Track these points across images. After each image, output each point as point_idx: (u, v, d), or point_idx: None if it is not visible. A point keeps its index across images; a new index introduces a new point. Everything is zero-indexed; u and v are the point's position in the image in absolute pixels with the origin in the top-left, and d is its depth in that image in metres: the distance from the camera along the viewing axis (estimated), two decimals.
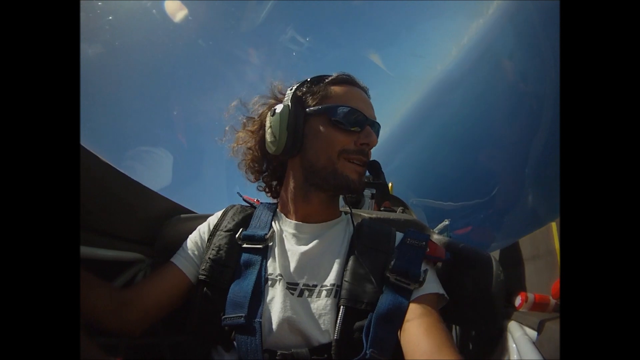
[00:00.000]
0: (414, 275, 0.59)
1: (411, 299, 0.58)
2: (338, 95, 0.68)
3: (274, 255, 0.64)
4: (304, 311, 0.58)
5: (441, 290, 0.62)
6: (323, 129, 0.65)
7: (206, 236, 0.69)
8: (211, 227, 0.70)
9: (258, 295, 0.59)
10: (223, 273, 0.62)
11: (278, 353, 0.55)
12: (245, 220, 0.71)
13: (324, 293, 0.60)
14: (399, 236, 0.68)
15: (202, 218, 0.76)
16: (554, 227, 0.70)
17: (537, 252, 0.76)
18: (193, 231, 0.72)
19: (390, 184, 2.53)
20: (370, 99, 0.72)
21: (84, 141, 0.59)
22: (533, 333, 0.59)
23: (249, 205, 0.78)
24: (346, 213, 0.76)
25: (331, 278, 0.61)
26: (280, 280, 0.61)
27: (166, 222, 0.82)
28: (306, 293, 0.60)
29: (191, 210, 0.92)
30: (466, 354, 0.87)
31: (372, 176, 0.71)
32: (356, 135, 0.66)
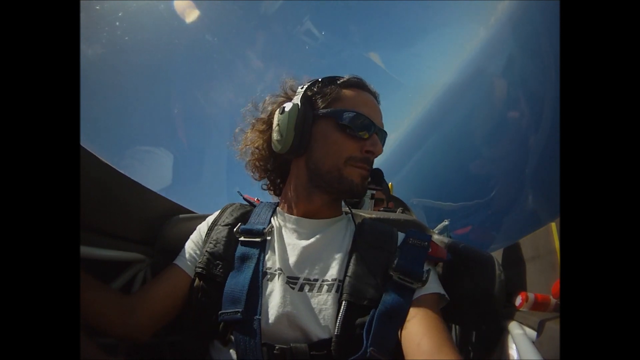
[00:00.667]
0: (417, 274, 0.59)
1: (413, 299, 0.58)
2: (348, 99, 0.67)
3: (273, 249, 0.64)
4: (304, 306, 0.58)
5: (442, 290, 0.62)
6: (331, 133, 0.65)
7: (205, 233, 0.69)
8: (210, 224, 0.71)
9: (255, 289, 0.58)
10: (219, 266, 0.62)
11: (276, 347, 0.54)
12: (244, 216, 0.71)
13: (325, 288, 0.59)
14: (401, 236, 0.68)
15: (202, 218, 0.77)
16: (554, 227, 0.70)
17: (537, 252, 0.76)
18: (193, 231, 0.72)
19: (390, 184, 2.54)
20: (379, 105, 0.72)
21: (84, 141, 0.59)
22: (533, 333, 0.59)
23: (249, 203, 0.78)
24: (346, 213, 0.76)
25: (333, 273, 0.61)
26: (279, 274, 0.61)
27: (166, 222, 0.82)
28: (307, 287, 0.59)
29: (191, 210, 0.92)
30: (466, 354, 0.87)
31: (375, 184, 0.72)
32: (363, 142, 0.66)
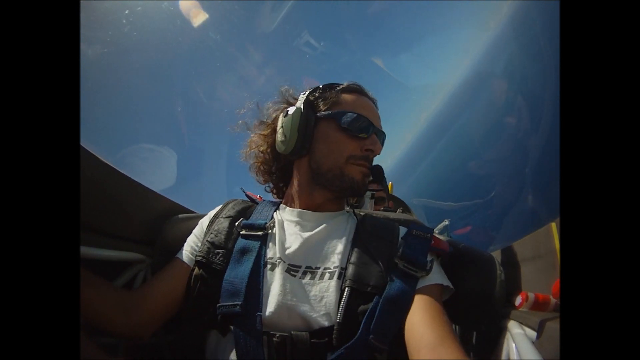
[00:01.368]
0: (422, 263, 0.60)
1: (416, 289, 0.58)
2: (348, 102, 0.72)
3: (274, 240, 0.64)
4: (305, 293, 0.57)
5: (446, 281, 0.62)
6: (332, 133, 0.69)
7: (206, 225, 0.70)
8: (211, 216, 0.72)
9: (256, 281, 0.58)
10: (219, 255, 0.62)
11: (277, 335, 0.54)
12: (245, 211, 0.72)
13: (327, 275, 0.59)
14: (403, 230, 0.69)
15: (202, 217, 0.77)
16: (554, 227, 0.70)
17: (538, 252, 0.76)
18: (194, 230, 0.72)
19: (390, 184, 2.53)
20: (378, 110, 0.76)
21: (84, 141, 0.58)
22: (533, 333, 0.59)
23: (251, 200, 0.79)
24: (348, 211, 0.77)
25: (335, 261, 0.61)
26: (280, 263, 0.61)
27: (166, 222, 0.82)
28: (308, 275, 0.60)
29: (191, 210, 0.92)
30: (466, 353, 0.87)
31: (376, 180, 0.73)
32: (362, 141, 0.69)
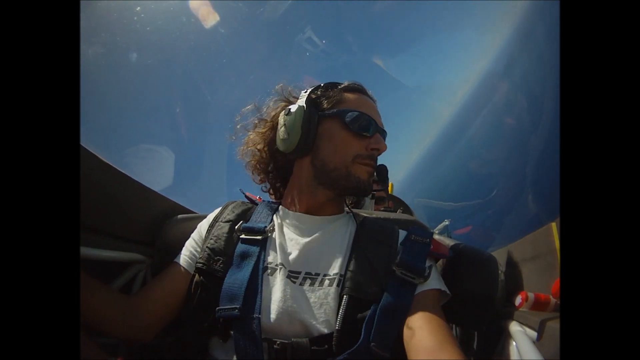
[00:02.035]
0: (420, 270, 0.60)
1: (414, 294, 0.58)
2: (351, 101, 0.71)
3: (274, 245, 0.64)
4: (305, 300, 0.57)
5: (443, 287, 0.62)
6: (337, 132, 0.68)
7: (205, 230, 0.69)
8: (210, 220, 0.71)
9: (255, 286, 0.58)
10: (220, 261, 0.62)
11: (277, 342, 0.54)
12: (245, 213, 0.72)
13: (327, 282, 0.59)
14: (402, 233, 0.69)
15: (202, 218, 0.76)
16: (554, 227, 0.70)
17: (538, 252, 0.76)
18: (193, 231, 0.72)
19: (390, 184, 2.53)
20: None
21: (84, 141, 0.58)
22: (533, 333, 0.59)
23: (251, 202, 0.79)
24: (348, 212, 0.76)
25: (335, 267, 0.61)
26: (280, 268, 0.61)
27: (166, 222, 0.82)
28: (308, 281, 0.60)
29: (191, 210, 0.92)
30: (466, 354, 0.87)
31: (379, 180, 0.74)
32: (367, 140, 0.69)
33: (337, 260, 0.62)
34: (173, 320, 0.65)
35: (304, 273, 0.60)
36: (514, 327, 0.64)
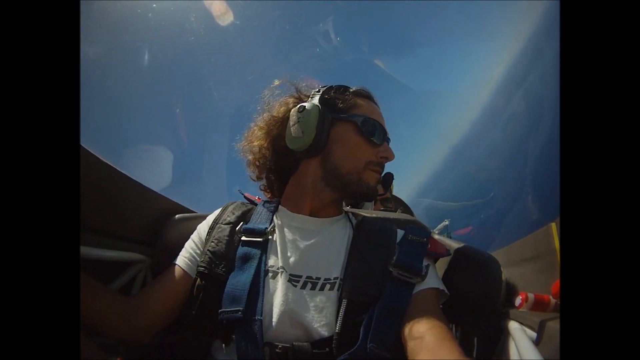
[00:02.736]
0: (417, 269, 0.60)
1: (412, 294, 0.58)
2: (363, 107, 0.72)
3: (276, 247, 0.64)
4: (306, 304, 0.58)
5: (441, 285, 0.62)
6: (352, 137, 0.69)
7: (206, 232, 0.69)
8: (210, 222, 0.70)
9: (257, 288, 0.58)
10: (221, 265, 0.62)
11: (279, 346, 0.54)
12: (245, 214, 0.71)
13: (328, 286, 0.60)
14: (400, 233, 0.69)
15: (202, 218, 0.76)
16: (554, 227, 0.70)
17: (537, 252, 0.76)
18: (194, 231, 0.72)
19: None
20: None
21: (84, 141, 0.58)
22: (533, 333, 0.59)
23: (250, 202, 0.78)
24: (346, 212, 0.76)
25: (334, 271, 0.61)
26: (282, 272, 0.61)
27: (166, 222, 0.81)
28: (309, 285, 0.60)
29: (191, 210, 0.92)
30: (466, 354, 0.87)
31: (383, 187, 0.75)
32: (377, 148, 0.70)
33: (337, 264, 0.62)
34: (172, 321, 0.64)
35: (305, 277, 0.60)
36: (514, 327, 0.64)
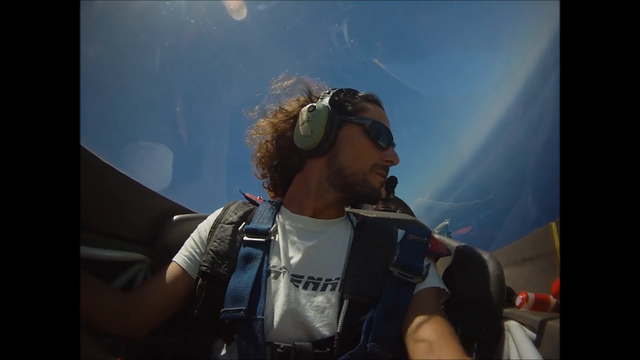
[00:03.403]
0: (417, 269, 0.60)
1: (413, 293, 0.59)
2: (371, 111, 0.73)
3: (278, 248, 0.64)
4: (308, 304, 0.58)
5: (442, 285, 0.63)
6: (359, 138, 0.69)
7: (207, 231, 0.69)
8: (212, 222, 0.70)
9: (259, 288, 0.58)
10: (224, 265, 0.62)
11: (281, 346, 0.54)
12: (247, 214, 0.71)
13: (329, 287, 0.60)
14: (401, 233, 0.69)
15: (202, 218, 0.76)
16: (554, 227, 0.70)
17: (537, 252, 0.76)
18: (193, 231, 0.72)
19: None
20: None
21: (84, 141, 0.58)
22: (533, 333, 0.59)
23: (251, 202, 0.78)
24: (347, 213, 0.77)
25: (336, 272, 0.62)
26: (284, 272, 0.61)
27: (166, 222, 0.81)
28: (311, 286, 0.60)
29: (191, 210, 0.92)
30: (466, 354, 0.87)
31: (387, 191, 0.76)
32: (383, 151, 0.71)
33: (338, 264, 0.63)
34: (168, 319, 0.65)
35: (307, 277, 0.61)
36: (514, 327, 0.64)
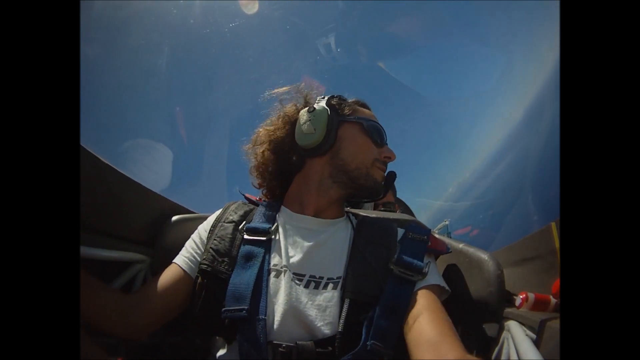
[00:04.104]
0: (417, 267, 0.60)
1: (414, 290, 0.59)
2: (365, 113, 0.78)
3: (279, 247, 0.65)
4: (310, 302, 0.58)
5: (442, 282, 0.63)
6: (359, 136, 0.73)
7: (207, 231, 0.69)
8: (212, 222, 0.70)
9: (260, 287, 0.58)
10: (224, 263, 0.62)
11: (283, 345, 0.54)
12: (247, 214, 0.72)
13: (331, 286, 0.60)
14: (400, 231, 0.69)
15: (202, 218, 0.76)
16: (554, 227, 0.70)
17: (537, 252, 0.76)
18: (193, 231, 0.72)
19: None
20: None
21: (84, 141, 0.58)
22: (533, 333, 0.59)
23: (251, 202, 0.78)
24: (347, 213, 0.76)
25: (337, 271, 0.62)
26: (285, 271, 0.61)
27: (166, 222, 0.82)
28: (312, 284, 0.60)
29: (191, 210, 0.92)
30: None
31: (387, 185, 0.78)
32: (381, 148, 0.75)
33: (339, 263, 0.63)
34: (169, 320, 0.64)
35: (308, 276, 0.61)
36: (514, 327, 0.64)
